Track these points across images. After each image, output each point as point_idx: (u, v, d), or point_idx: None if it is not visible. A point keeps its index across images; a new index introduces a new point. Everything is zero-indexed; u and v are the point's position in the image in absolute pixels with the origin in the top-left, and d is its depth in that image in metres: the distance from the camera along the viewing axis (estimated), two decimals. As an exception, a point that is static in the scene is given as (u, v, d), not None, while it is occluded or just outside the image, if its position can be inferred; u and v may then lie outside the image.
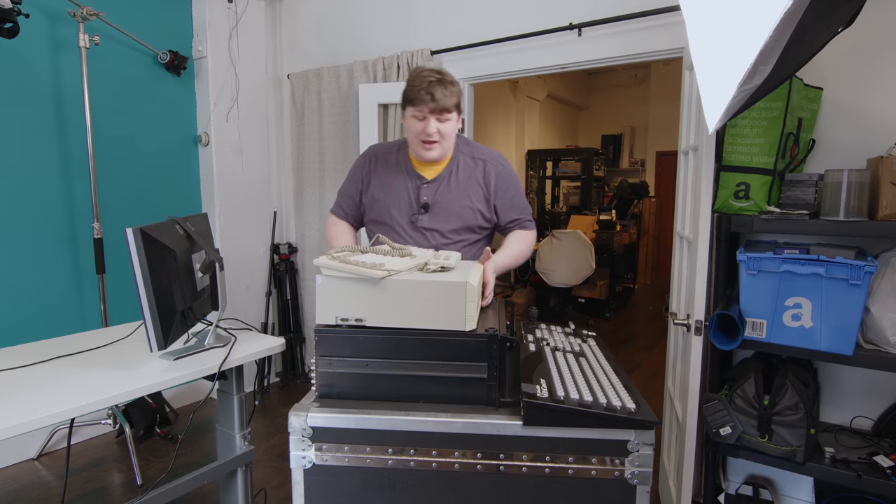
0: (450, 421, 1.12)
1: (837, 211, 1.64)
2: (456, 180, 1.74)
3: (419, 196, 1.73)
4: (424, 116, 1.62)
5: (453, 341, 1.16)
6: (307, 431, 1.15)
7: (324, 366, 1.20)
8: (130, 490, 2.45)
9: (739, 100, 1.19)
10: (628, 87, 8.39)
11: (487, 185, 1.75)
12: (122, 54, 2.99)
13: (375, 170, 1.80)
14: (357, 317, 1.18)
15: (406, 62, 3.01)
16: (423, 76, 1.61)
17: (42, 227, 2.71)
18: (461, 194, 1.73)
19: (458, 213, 1.73)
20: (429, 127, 1.62)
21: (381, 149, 1.85)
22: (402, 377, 1.18)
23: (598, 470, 1.10)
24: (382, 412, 1.15)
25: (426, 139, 1.64)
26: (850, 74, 1.87)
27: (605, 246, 5.59)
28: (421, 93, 1.59)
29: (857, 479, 1.60)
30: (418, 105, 1.61)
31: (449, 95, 1.61)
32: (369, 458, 1.15)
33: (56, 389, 1.37)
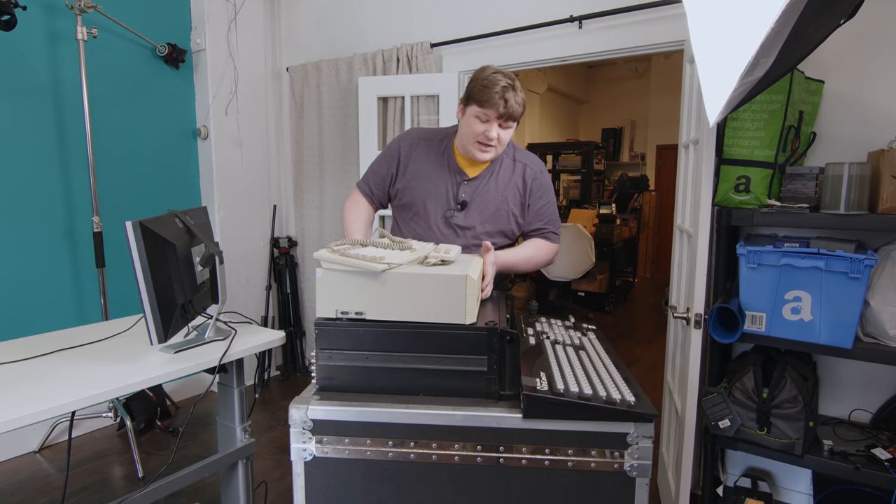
0: (450, 413, 1.12)
1: (838, 204, 1.63)
2: (496, 181, 1.71)
3: (458, 192, 1.70)
4: (489, 119, 1.57)
5: (453, 334, 1.16)
6: (307, 424, 1.15)
7: (324, 359, 1.20)
8: (132, 482, 2.46)
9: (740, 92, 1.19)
10: (629, 81, 8.36)
11: (525, 189, 1.73)
12: (121, 47, 2.97)
13: (415, 156, 1.73)
14: (357, 310, 1.18)
15: (406, 55, 2.99)
16: (496, 78, 1.55)
17: (41, 221, 2.71)
18: (499, 195, 1.70)
19: (494, 215, 1.71)
20: (491, 131, 1.58)
21: (426, 135, 1.78)
22: (402, 370, 1.18)
23: (597, 462, 1.11)
24: (383, 405, 1.15)
25: (485, 142, 1.60)
26: (851, 67, 1.86)
27: (605, 240, 5.59)
28: (494, 96, 1.53)
29: (855, 472, 1.60)
30: (487, 107, 1.55)
31: (520, 104, 1.57)
32: (369, 451, 1.15)
33: (57, 382, 1.37)
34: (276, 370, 3.83)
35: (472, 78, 1.60)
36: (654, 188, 7.81)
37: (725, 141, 1.82)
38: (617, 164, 8.24)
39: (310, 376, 1.24)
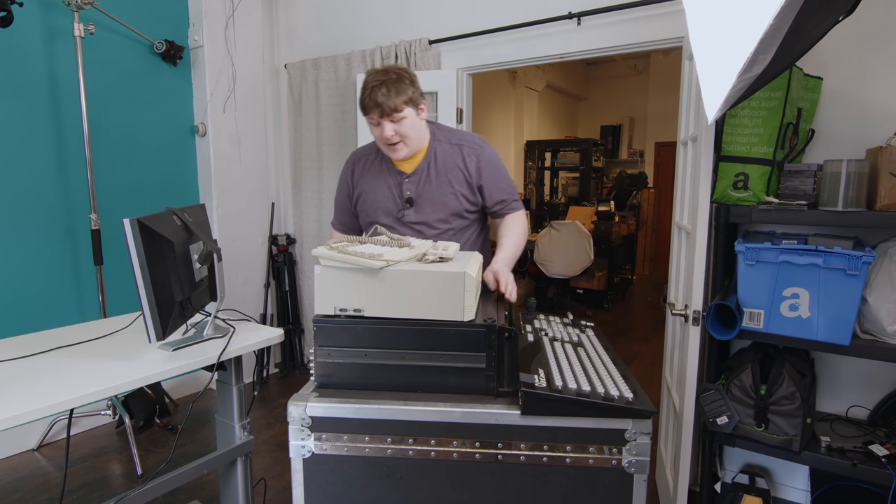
0: (448, 410, 1.13)
1: (836, 201, 1.64)
2: (435, 169, 1.73)
3: (402, 191, 1.74)
4: (378, 122, 1.61)
5: (452, 331, 1.16)
6: (306, 421, 1.15)
7: (322, 356, 1.20)
8: (131, 480, 2.46)
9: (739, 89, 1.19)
10: (627, 78, 8.35)
11: (468, 169, 1.74)
12: (118, 44, 2.96)
13: (358, 173, 1.81)
14: (356, 307, 1.18)
15: (404, 51, 2.99)
16: (367, 82, 1.60)
17: (39, 219, 2.70)
18: (442, 182, 1.72)
19: (443, 202, 1.73)
20: (385, 131, 1.62)
21: (363, 151, 1.85)
22: (401, 367, 1.19)
23: (595, 459, 1.11)
24: (381, 402, 1.15)
25: (387, 143, 1.65)
26: (850, 64, 1.86)
27: (604, 237, 5.60)
28: (366, 100, 1.59)
29: (852, 468, 1.61)
30: (368, 113, 1.61)
31: (394, 95, 1.58)
32: (368, 448, 1.15)
33: (55, 380, 1.37)
34: (274, 367, 3.83)
35: None
36: (653, 185, 7.81)
37: (724, 138, 1.82)
38: (616, 162, 8.24)
39: (308, 373, 1.24)
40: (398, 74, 1.61)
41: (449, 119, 2.89)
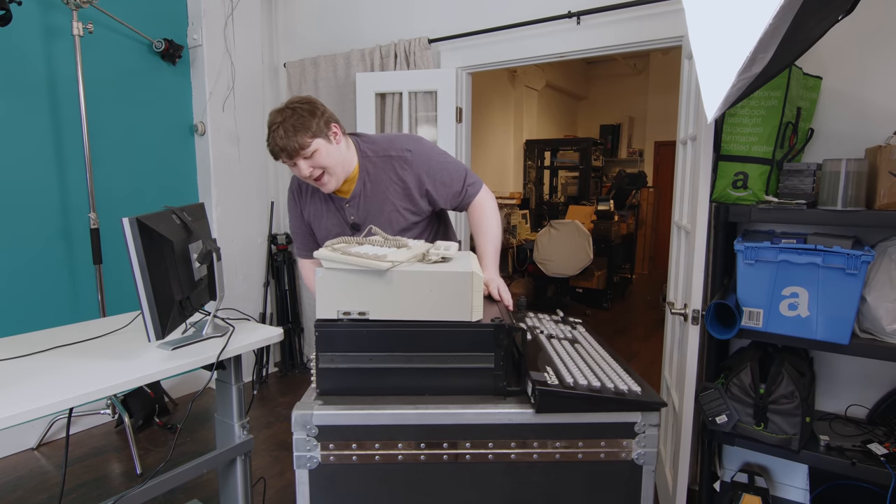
0: (460, 412, 1.11)
1: (835, 200, 1.64)
2: (372, 189, 1.64)
3: (346, 217, 1.68)
4: (293, 163, 1.53)
5: (459, 332, 1.14)
6: (312, 430, 1.10)
7: (325, 362, 1.15)
8: (130, 479, 2.46)
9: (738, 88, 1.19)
10: (627, 77, 8.35)
11: (403, 180, 1.63)
12: (117, 43, 2.96)
13: (304, 200, 1.73)
14: (360, 310, 1.15)
15: (403, 50, 2.98)
16: (269, 125, 1.53)
17: (38, 218, 2.70)
18: (381, 201, 1.64)
19: (388, 221, 1.65)
20: (302, 170, 1.54)
21: (301, 179, 1.71)
22: (407, 370, 1.16)
23: (606, 453, 1.12)
24: (391, 407, 1.12)
25: (310, 181, 1.58)
26: (850, 63, 1.86)
27: (603, 236, 5.60)
28: (270, 146, 1.53)
29: (851, 467, 1.61)
30: (277, 158, 1.54)
31: (293, 133, 1.48)
32: (378, 455, 1.12)
33: (54, 379, 1.37)
34: (274, 367, 3.83)
35: None
36: (653, 185, 7.82)
37: (723, 137, 1.82)
38: (615, 161, 8.24)
39: (309, 375, 1.22)
40: (293, 109, 1.51)
41: (448, 118, 2.89)
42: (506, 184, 6.98)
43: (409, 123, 2.99)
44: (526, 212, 6.20)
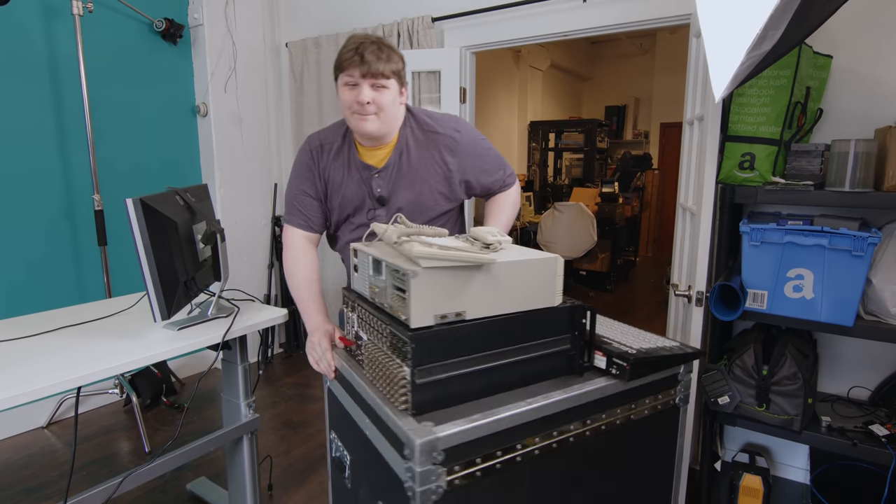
0: (567, 396, 1.08)
1: (843, 181, 1.62)
2: (408, 164, 1.49)
3: (372, 189, 1.50)
4: (356, 83, 1.37)
5: (542, 318, 1.12)
6: (439, 456, 0.93)
7: (423, 376, 0.99)
8: (139, 457, 2.50)
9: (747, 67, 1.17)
10: (633, 57, 8.23)
11: (445, 162, 1.51)
12: (117, 22, 2.93)
13: (324, 162, 1.53)
14: (457, 310, 1.02)
15: (406, 29, 2.94)
16: (352, 40, 1.38)
17: (42, 200, 2.71)
18: (416, 179, 1.50)
19: (417, 202, 1.51)
20: (361, 94, 1.37)
21: (326, 137, 1.55)
22: (496, 368, 1.08)
23: (661, 403, 1.25)
24: (506, 408, 1.02)
25: (360, 111, 1.39)
26: (861, 42, 1.83)
27: (607, 218, 5.58)
28: (349, 54, 1.36)
29: (852, 448, 1.62)
30: (348, 69, 1.37)
31: (385, 60, 1.37)
32: (499, 463, 1.01)
33: (62, 359, 1.39)
34: (279, 348, 3.87)
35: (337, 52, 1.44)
36: (658, 167, 7.76)
37: (731, 117, 1.80)
38: (620, 143, 8.17)
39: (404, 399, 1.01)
40: (391, 46, 1.42)
41: (452, 98, 2.86)
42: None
43: (413, 104, 2.96)
44: (530, 194, 6.18)
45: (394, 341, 1.03)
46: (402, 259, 1.04)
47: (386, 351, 1.07)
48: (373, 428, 1.09)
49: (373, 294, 1.13)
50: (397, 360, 1.02)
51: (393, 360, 1.03)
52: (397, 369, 1.01)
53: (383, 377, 1.07)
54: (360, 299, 1.19)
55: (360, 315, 1.20)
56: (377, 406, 1.05)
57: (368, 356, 1.15)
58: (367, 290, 1.15)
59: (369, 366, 1.14)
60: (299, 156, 1.55)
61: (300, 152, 1.55)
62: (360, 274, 1.20)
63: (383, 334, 1.07)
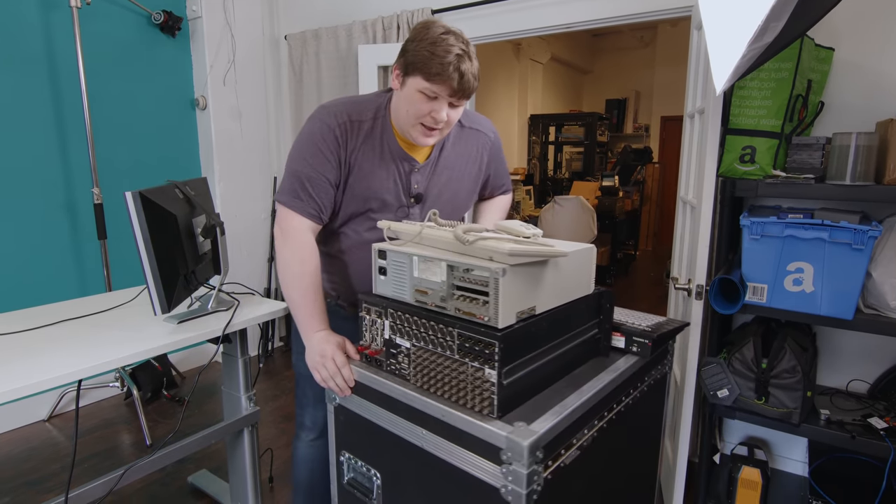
0: (611, 378, 1.13)
1: (844, 175, 1.62)
2: (447, 160, 1.38)
3: (409, 184, 1.34)
4: (438, 97, 1.19)
5: (583, 305, 1.17)
6: (540, 454, 0.92)
7: (508, 376, 0.96)
8: (140, 450, 2.51)
9: (749, 59, 1.16)
10: (634, 50, 8.20)
11: (481, 161, 1.45)
12: (115, 14, 2.91)
13: (353, 144, 1.29)
14: (530, 306, 1.02)
15: (406, 21, 2.93)
16: (448, 44, 1.15)
17: (41, 194, 2.70)
18: (454, 176, 1.40)
19: (453, 202, 1.42)
20: (441, 113, 1.21)
21: (353, 113, 1.30)
22: (553, 358, 1.09)
23: (658, 373, 1.37)
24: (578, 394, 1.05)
25: (431, 125, 1.23)
26: (864, 34, 1.82)
27: (608, 212, 5.57)
28: (448, 69, 1.14)
29: (850, 440, 1.63)
30: (438, 83, 1.16)
31: (476, 76, 1.20)
32: (577, 449, 1.03)
33: (62, 352, 1.39)
34: (279, 341, 3.87)
35: (414, 37, 1.19)
36: (658, 160, 7.74)
37: (732, 110, 1.79)
38: (620, 136, 8.15)
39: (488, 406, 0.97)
40: (475, 53, 1.21)
41: (452, 92, 2.84)
42: (510, 159, 6.92)
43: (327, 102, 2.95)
44: (530, 187, 6.17)
45: (469, 344, 0.97)
46: (466, 258, 1.00)
47: (453, 356, 1.01)
48: (436, 438, 1.03)
49: (421, 297, 1.06)
50: (474, 363, 0.97)
51: (465, 363, 0.99)
52: (475, 373, 0.97)
53: (447, 383, 1.03)
54: (395, 304, 1.10)
55: (396, 322, 1.10)
56: (446, 414, 1.00)
57: (417, 363, 1.07)
58: (410, 293, 1.08)
59: (419, 373, 1.07)
60: (317, 129, 1.27)
61: (318, 124, 1.28)
62: (390, 277, 1.12)
63: (446, 338, 1.01)
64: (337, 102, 1.32)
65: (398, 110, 1.26)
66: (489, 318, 0.95)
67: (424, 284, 1.05)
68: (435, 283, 1.03)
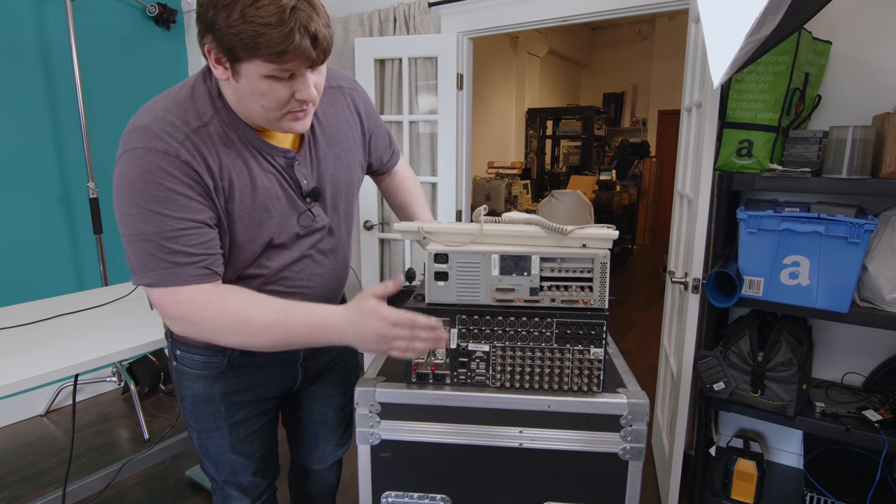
0: None
1: (840, 168, 1.62)
2: (325, 136, 1.09)
3: (296, 181, 1.04)
4: (294, 74, 0.88)
5: None
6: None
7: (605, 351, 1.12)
8: (138, 444, 2.51)
9: (746, 52, 1.16)
10: (632, 44, 8.17)
11: (360, 118, 1.17)
12: (109, 7, 2.89)
13: (213, 163, 0.93)
14: None
15: (403, 14, 2.91)
16: (281, 6, 0.80)
17: (36, 188, 2.69)
18: (343, 153, 1.12)
19: (349, 182, 1.14)
20: (307, 90, 0.90)
21: (187, 120, 0.93)
22: None
23: None
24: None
25: (298, 108, 0.93)
26: (861, 28, 1.81)
27: (605, 206, 5.58)
28: (295, 36, 0.81)
29: (845, 433, 1.64)
30: (290, 59, 0.84)
31: (329, 25, 0.88)
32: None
33: (59, 347, 1.38)
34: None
35: (215, 3, 0.82)
36: (655, 155, 7.74)
37: (729, 104, 1.79)
38: (618, 130, 8.14)
39: None
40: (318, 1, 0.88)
41: (449, 85, 2.83)
42: (507, 153, 6.91)
43: (409, 91, 2.94)
44: (527, 182, 6.16)
45: (571, 330, 1.04)
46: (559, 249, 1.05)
47: (550, 345, 1.05)
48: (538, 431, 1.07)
49: (503, 296, 1.04)
50: (577, 346, 1.05)
51: (565, 349, 1.05)
52: (578, 355, 1.05)
53: (543, 374, 1.07)
54: (467, 309, 1.05)
55: (470, 327, 1.06)
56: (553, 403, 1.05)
57: (501, 364, 1.07)
58: (487, 294, 1.05)
59: (503, 374, 1.07)
60: (150, 163, 0.88)
61: (148, 157, 0.88)
62: (454, 282, 1.05)
63: (541, 330, 1.05)
64: (153, 115, 0.93)
65: (246, 107, 0.93)
66: (594, 301, 1.03)
67: (507, 281, 1.04)
68: (522, 278, 1.04)
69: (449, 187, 2.91)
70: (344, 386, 1.35)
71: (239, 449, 1.18)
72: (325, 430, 1.38)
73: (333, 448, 1.41)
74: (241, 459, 1.19)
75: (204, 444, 1.18)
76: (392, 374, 1.15)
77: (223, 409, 1.13)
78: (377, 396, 1.09)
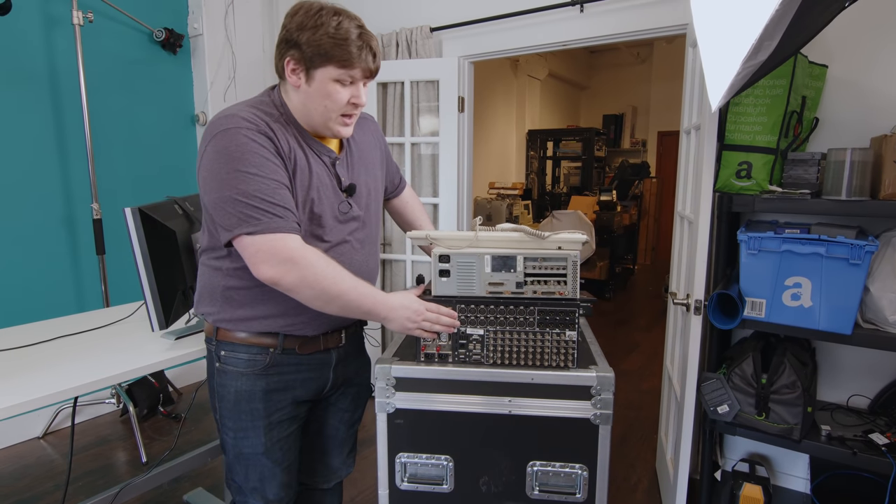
0: None
1: (839, 190, 1.63)
2: (357, 146, 1.34)
3: (338, 177, 1.26)
4: (354, 81, 1.16)
5: None
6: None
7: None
8: (135, 467, 2.48)
9: (743, 76, 1.18)
10: (631, 66, 8.29)
11: (379, 143, 1.44)
12: (117, 32, 2.94)
13: (285, 148, 1.17)
14: None
15: (405, 39, 2.96)
16: (345, 26, 1.12)
17: (40, 209, 2.70)
18: (367, 162, 1.36)
19: (376, 187, 1.38)
20: (363, 96, 1.19)
21: (261, 114, 1.16)
22: None
23: None
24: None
25: (350, 112, 1.20)
26: (857, 51, 1.84)
27: (606, 226, 5.59)
28: (362, 51, 1.13)
29: (852, 457, 1.62)
30: (355, 66, 1.13)
31: (379, 51, 1.20)
32: None
33: (58, 369, 1.38)
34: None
35: (302, 26, 1.13)
36: (655, 175, 7.78)
37: (727, 126, 1.81)
38: (618, 151, 8.20)
39: None
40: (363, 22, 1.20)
41: (451, 107, 2.87)
42: (508, 174, 6.96)
43: (411, 113, 2.98)
44: (528, 202, 6.19)
45: (549, 316, 1.25)
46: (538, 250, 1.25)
47: (532, 329, 1.26)
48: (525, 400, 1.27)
49: (494, 289, 1.27)
50: (554, 330, 1.26)
51: (545, 332, 1.26)
52: (555, 337, 1.26)
53: (527, 353, 1.27)
54: (465, 299, 1.28)
55: (468, 315, 1.28)
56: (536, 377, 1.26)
57: (493, 345, 1.28)
58: (482, 287, 1.27)
59: (495, 353, 1.28)
60: (243, 137, 1.09)
61: (240, 133, 1.09)
62: (455, 277, 1.27)
63: (525, 316, 1.26)
64: (235, 111, 1.14)
65: (310, 109, 1.17)
66: (568, 293, 1.24)
67: (497, 277, 1.26)
68: (514, 275, 1.26)
69: (450, 208, 2.93)
70: (357, 401, 1.48)
71: (270, 452, 1.27)
72: (334, 445, 1.47)
73: (339, 465, 1.49)
74: (271, 465, 1.28)
75: (238, 445, 1.27)
76: (404, 354, 1.37)
77: (262, 406, 1.25)
78: (393, 372, 1.30)
